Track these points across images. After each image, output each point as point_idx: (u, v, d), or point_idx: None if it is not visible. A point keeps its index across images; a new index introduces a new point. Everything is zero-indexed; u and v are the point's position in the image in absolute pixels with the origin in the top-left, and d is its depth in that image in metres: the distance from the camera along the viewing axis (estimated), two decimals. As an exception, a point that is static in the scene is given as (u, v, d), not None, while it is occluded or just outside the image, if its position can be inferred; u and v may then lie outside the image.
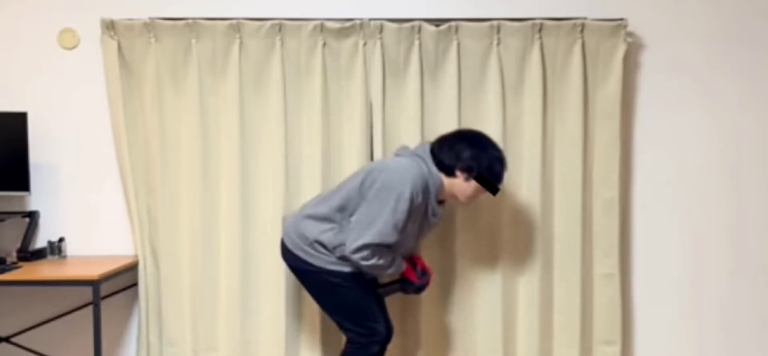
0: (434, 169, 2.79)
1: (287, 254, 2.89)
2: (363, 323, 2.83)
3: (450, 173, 2.81)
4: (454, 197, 2.88)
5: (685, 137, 3.39)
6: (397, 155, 2.93)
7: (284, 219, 3.02)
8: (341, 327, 2.90)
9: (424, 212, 2.80)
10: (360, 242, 2.68)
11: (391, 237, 2.69)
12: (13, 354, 3.39)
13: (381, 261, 2.73)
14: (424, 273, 2.98)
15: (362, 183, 2.77)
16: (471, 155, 2.79)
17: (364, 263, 2.72)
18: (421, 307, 3.28)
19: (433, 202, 2.81)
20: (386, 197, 2.68)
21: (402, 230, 2.71)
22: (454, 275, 3.30)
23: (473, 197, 2.87)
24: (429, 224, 2.88)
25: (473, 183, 2.81)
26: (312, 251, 2.80)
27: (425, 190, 2.74)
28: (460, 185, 2.82)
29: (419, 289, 2.98)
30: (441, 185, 2.80)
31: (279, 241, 3.07)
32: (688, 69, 3.38)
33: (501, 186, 2.87)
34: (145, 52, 3.26)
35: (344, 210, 2.78)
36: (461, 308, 3.32)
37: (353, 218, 2.74)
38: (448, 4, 3.31)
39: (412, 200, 2.68)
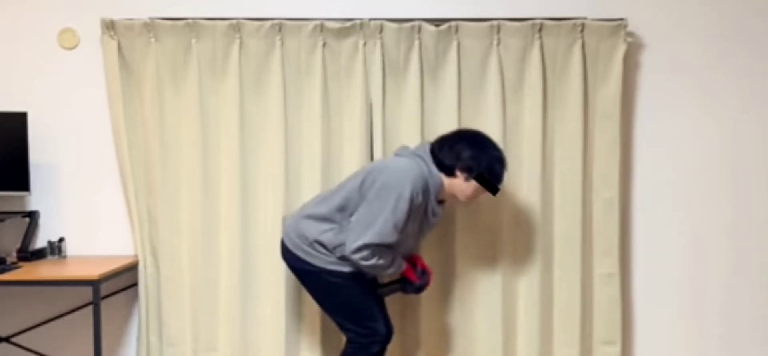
0: (434, 169, 2.79)
1: (287, 254, 2.89)
2: (363, 323, 2.83)
3: (450, 173, 2.81)
4: (454, 197, 2.88)
5: (685, 137, 3.39)
6: (397, 155, 2.93)
7: (284, 219, 3.02)
8: (342, 327, 2.89)
9: (424, 211, 2.80)
10: (360, 242, 2.68)
11: (390, 237, 2.69)
12: (13, 354, 3.39)
13: (381, 261, 2.73)
14: (424, 272, 2.98)
15: (362, 183, 2.77)
16: (471, 155, 2.79)
17: (363, 263, 2.71)
18: (421, 307, 3.28)
19: (432, 202, 2.81)
20: (386, 197, 2.68)
21: (402, 230, 2.71)
22: (454, 275, 3.30)
23: (473, 197, 2.87)
24: (429, 224, 2.88)
25: (473, 183, 2.81)
26: (312, 251, 2.80)
27: (425, 190, 2.74)
28: (460, 185, 2.82)
29: (419, 289, 2.98)
30: (441, 185, 2.80)
31: (279, 241, 3.07)
32: (688, 69, 3.38)
33: (501, 186, 2.87)
34: (145, 52, 3.26)
35: (344, 210, 2.78)
36: (461, 308, 3.32)
37: (353, 218, 2.74)
38: (448, 4, 3.31)
39: (412, 200, 2.68)
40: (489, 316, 3.29)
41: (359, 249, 2.68)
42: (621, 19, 3.23)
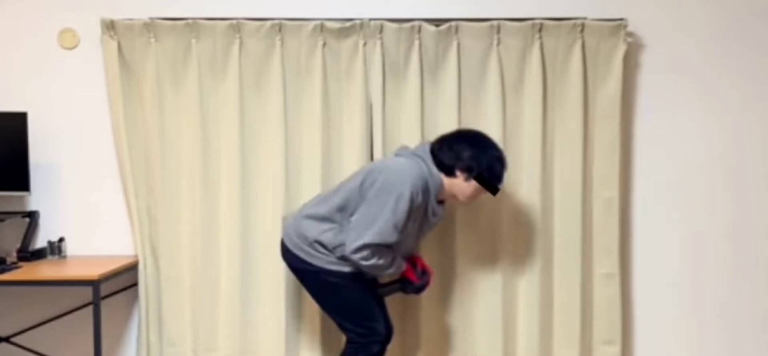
0: (434, 169, 2.79)
1: (287, 254, 2.89)
2: (363, 323, 2.83)
3: (450, 173, 2.81)
4: (454, 197, 2.88)
5: (685, 136, 3.39)
6: (397, 155, 2.93)
7: (284, 219, 3.01)
8: (341, 326, 2.90)
9: (424, 212, 2.80)
10: (360, 242, 2.68)
11: (391, 237, 2.69)
12: (13, 354, 3.39)
13: (381, 261, 2.73)
14: (424, 273, 2.98)
15: (362, 183, 2.77)
16: (471, 155, 2.79)
17: (364, 263, 2.71)
18: (421, 307, 3.28)
19: (433, 202, 2.81)
20: (386, 197, 2.67)
21: (402, 230, 2.71)
22: (454, 275, 3.30)
23: (473, 197, 2.87)
24: (429, 224, 2.88)
25: (473, 183, 2.81)
26: (312, 251, 2.80)
27: (425, 190, 2.74)
28: (460, 185, 2.82)
29: (419, 289, 2.98)
30: (441, 185, 2.80)
31: (279, 241, 3.07)
32: (688, 69, 3.38)
33: (501, 186, 2.87)
34: (145, 52, 3.26)
35: (344, 210, 2.78)
36: (461, 308, 3.32)
37: (353, 218, 2.74)
38: (448, 4, 3.31)
39: (412, 200, 2.68)
40: (489, 316, 3.29)
41: (359, 249, 2.68)
42: (621, 19, 3.23)
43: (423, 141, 3.09)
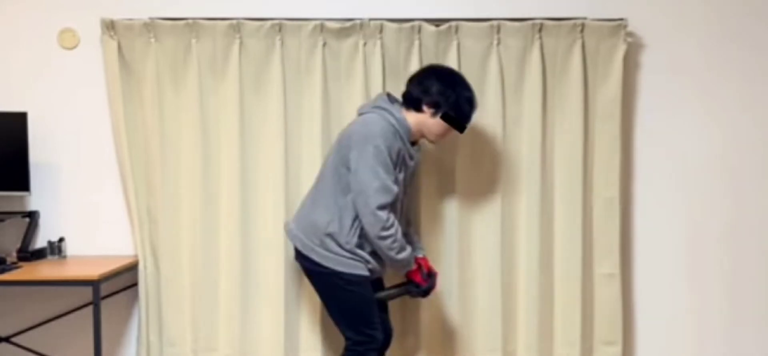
0: (399, 113, 2.81)
1: (300, 257, 2.89)
2: (361, 330, 2.83)
3: (417, 107, 2.82)
4: (422, 135, 2.90)
5: (685, 136, 3.39)
6: (359, 113, 2.93)
7: (286, 225, 3.00)
8: (341, 331, 2.90)
9: (404, 159, 2.81)
10: (372, 206, 2.68)
11: (391, 187, 2.71)
12: (13, 354, 3.39)
13: (393, 221, 2.72)
14: (430, 275, 2.97)
15: (340, 152, 2.79)
16: (439, 90, 2.81)
17: (384, 233, 2.70)
18: (421, 307, 3.28)
19: (407, 146, 2.82)
20: (366, 156, 2.69)
21: (396, 180, 2.74)
22: (454, 274, 3.29)
23: (441, 135, 2.89)
24: (409, 170, 2.89)
25: (439, 120, 2.83)
26: (324, 251, 2.78)
27: (396, 136, 2.76)
28: (427, 122, 2.84)
29: (425, 292, 2.96)
30: (409, 127, 2.82)
31: (279, 240, 3.08)
32: (687, 69, 3.38)
33: (468, 126, 2.90)
34: (145, 52, 3.26)
35: (337, 185, 2.78)
36: (461, 307, 3.31)
37: (349, 196, 2.74)
38: (448, 4, 3.31)
39: (389, 149, 2.71)
40: (489, 316, 3.29)
41: (376, 216, 2.68)
42: (621, 19, 3.23)
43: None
